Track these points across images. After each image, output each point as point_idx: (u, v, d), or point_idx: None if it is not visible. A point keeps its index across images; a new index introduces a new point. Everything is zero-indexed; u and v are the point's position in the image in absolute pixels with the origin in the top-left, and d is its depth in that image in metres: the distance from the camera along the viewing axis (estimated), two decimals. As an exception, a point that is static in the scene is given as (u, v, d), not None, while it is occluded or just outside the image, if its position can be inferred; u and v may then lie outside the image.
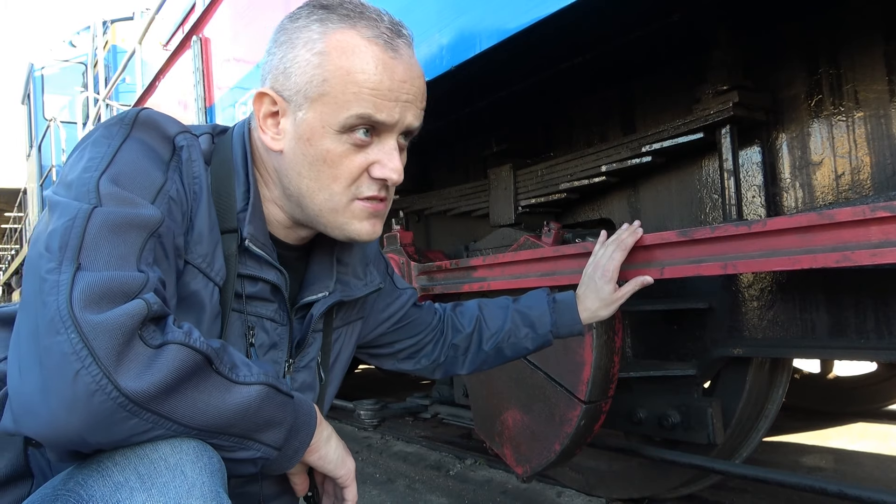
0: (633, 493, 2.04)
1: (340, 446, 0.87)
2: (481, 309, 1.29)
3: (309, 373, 0.97)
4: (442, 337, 1.27)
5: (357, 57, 0.79)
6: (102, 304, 0.61)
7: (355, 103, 0.79)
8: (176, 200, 0.77)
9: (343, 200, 0.83)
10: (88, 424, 0.59)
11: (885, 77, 1.45)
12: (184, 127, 0.83)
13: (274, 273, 0.88)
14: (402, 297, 1.22)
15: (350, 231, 0.85)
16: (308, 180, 0.83)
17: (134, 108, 0.80)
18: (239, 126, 0.91)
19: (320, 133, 0.80)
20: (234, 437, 0.69)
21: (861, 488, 1.41)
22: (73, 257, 0.63)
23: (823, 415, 3.39)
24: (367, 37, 0.80)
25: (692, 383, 1.82)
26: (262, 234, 0.86)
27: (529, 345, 1.26)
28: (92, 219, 0.66)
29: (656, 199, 1.96)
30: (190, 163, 0.80)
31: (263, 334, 0.89)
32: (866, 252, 1.07)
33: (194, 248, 0.79)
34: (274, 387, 0.72)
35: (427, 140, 2.56)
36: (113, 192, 0.69)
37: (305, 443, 0.78)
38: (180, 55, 3.69)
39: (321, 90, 0.79)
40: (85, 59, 8.88)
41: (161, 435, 0.63)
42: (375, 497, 2.43)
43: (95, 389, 0.58)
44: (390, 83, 0.80)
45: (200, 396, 0.64)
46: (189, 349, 0.64)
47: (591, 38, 1.63)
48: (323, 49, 0.79)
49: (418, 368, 1.27)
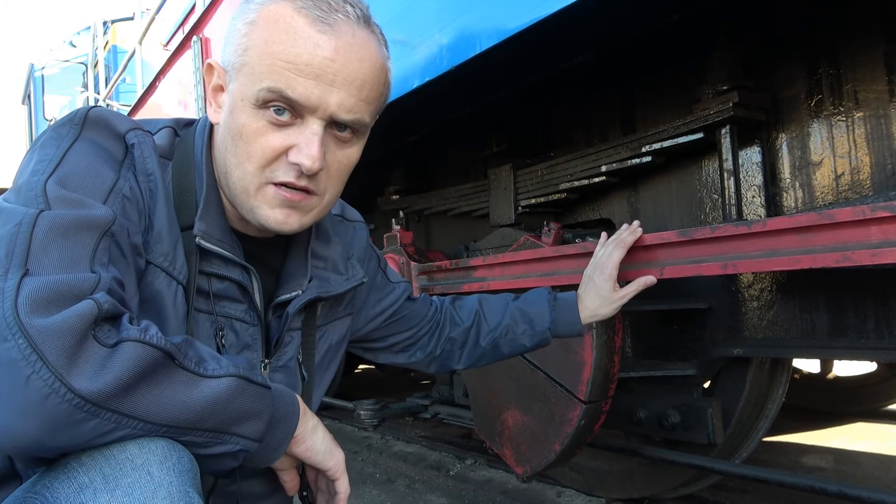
0: (633, 493, 2.04)
1: (328, 437, 0.84)
2: (481, 304, 1.28)
3: (287, 373, 0.94)
4: (438, 329, 1.25)
5: (279, 26, 0.74)
6: (50, 308, 0.59)
7: (268, 75, 0.73)
8: (130, 199, 0.75)
9: (255, 182, 0.78)
10: (44, 429, 0.57)
11: (885, 77, 1.45)
12: (135, 124, 0.81)
13: (238, 271, 0.85)
14: (396, 290, 1.20)
15: (259, 216, 0.80)
16: (230, 155, 0.79)
17: (83, 108, 0.78)
18: (205, 117, 0.88)
19: (240, 106, 0.77)
20: (209, 433, 0.67)
21: (861, 488, 1.41)
22: (21, 263, 0.61)
23: (823, 415, 3.39)
24: (297, 7, 0.74)
25: (692, 383, 1.82)
26: (217, 230, 0.83)
27: (527, 342, 1.25)
28: (38, 223, 0.64)
29: (656, 199, 1.96)
30: (143, 160, 0.78)
31: (233, 335, 0.86)
32: (866, 252, 1.07)
33: (155, 247, 0.77)
34: (246, 378, 0.70)
35: (427, 140, 2.56)
36: (60, 195, 0.67)
37: (289, 433, 0.77)
38: (180, 55, 3.69)
39: (242, 60, 0.76)
40: (85, 59, 8.88)
41: (127, 435, 0.62)
42: (375, 497, 2.43)
43: (48, 393, 0.56)
44: (309, 58, 0.73)
45: (164, 392, 0.63)
46: (146, 345, 0.62)
47: (591, 38, 1.63)
48: (254, 19, 0.76)
49: (413, 361, 1.25)
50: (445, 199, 2.68)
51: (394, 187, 3.03)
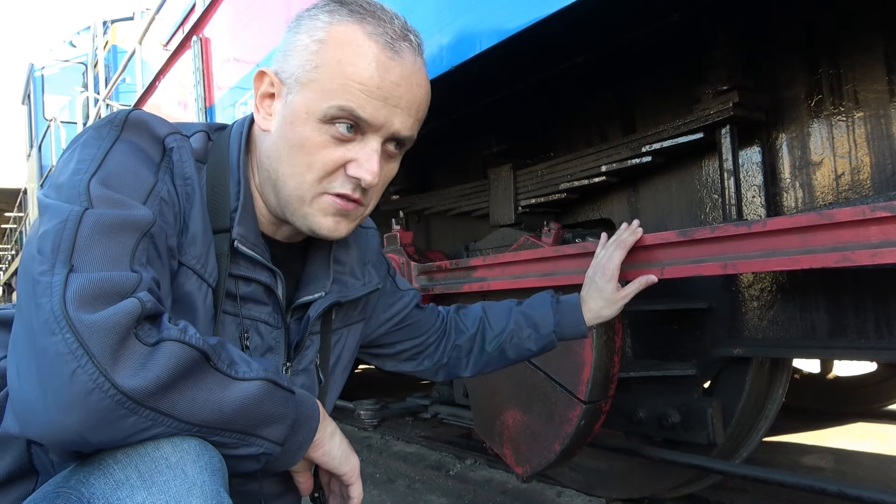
0: (633, 493, 2.04)
1: (345, 443, 0.87)
2: (485, 311, 1.29)
3: (307, 376, 0.96)
4: (445, 338, 1.26)
5: (352, 49, 0.79)
6: (96, 304, 0.61)
7: (340, 95, 0.78)
8: (167, 202, 0.77)
9: (312, 191, 0.83)
10: (87, 423, 0.59)
11: (885, 77, 1.45)
12: (174, 128, 0.83)
13: (266, 274, 0.87)
14: (405, 298, 1.22)
15: (312, 223, 0.84)
16: (285, 165, 0.83)
17: (124, 110, 0.80)
18: (239, 122, 0.91)
19: (303, 119, 0.80)
20: (237, 434, 0.69)
21: (861, 488, 1.41)
22: (66, 259, 0.63)
23: (823, 415, 3.39)
24: (368, 33, 0.79)
25: (692, 383, 1.82)
26: (252, 234, 0.86)
27: (532, 346, 1.26)
28: (83, 221, 0.66)
29: (656, 199, 1.96)
30: (181, 164, 0.80)
31: (258, 337, 0.89)
32: (866, 252, 1.07)
33: (188, 250, 0.79)
34: (274, 382, 0.72)
35: (427, 140, 2.56)
36: (104, 195, 0.69)
37: (309, 438, 0.78)
38: (180, 55, 3.69)
39: (311, 76, 0.80)
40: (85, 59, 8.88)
41: (162, 433, 0.63)
42: (375, 497, 2.43)
43: (92, 388, 0.58)
44: (380, 82, 0.79)
45: (199, 393, 0.64)
46: (185, 345, 0.64)
47: (591, 38, 1.63)
48: (323, 38, 0.80)
49: (420, 370, 1.27)
50: (445, 198, 2.68)
51: (393, 187, 3.02)
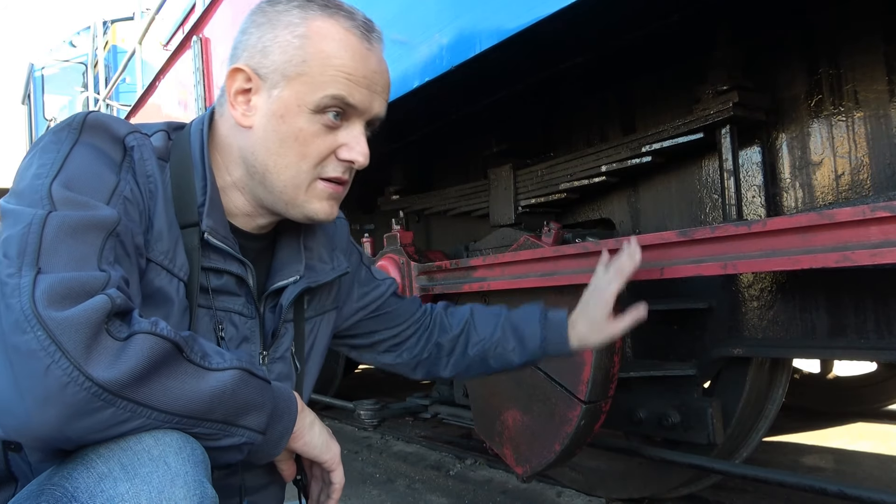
0: (633, 493, 2.04)
1: (325, 432, 0.89)
2: (472, 313, 1.27)
3: (284, 363, 0.98)
4: (426, 332, 1.25)
5: (335, 43, 0.84)
6: (65, 303, 0.62)
7: (331, 85, 0.83)
8: (131, 200, 0.78)
9: (308, 179, 0.87)
10: (64, 417, 0.60)
11: (885, 77, 1.45)
12: (133, 127, 0.84)
13: (237, 265, 0.89)
14: (381, 286, 1.22)
15: (309, 210, 0.89)
16: (277, 157, 0.85)
17: (81, 112, 0.81)
18: (198, 120, 0.92)
19: (295, 111, 0.83)
20: (217, 424, 0.70)
21: (861, 488, 1.41)
22: (33, 262, 0.64)
23: (823, 415, 3.39)
24: (345, 27, 0.85)
25: (692, 383, 1.82)
26: (221, 227, 0.87)
27: (516, 359, 1.23)
28: (48, 223, 0.67)
29: (656, 199, 1.96)
30: (143, 162, 0.82)
31: (232, 328, 0.90)
32: (866, 252, 1.07)
33: (155, 246, 0.81)
34: (248, 371, 0.73)
35: (427, 140, 2.56)
36: (66, 197, 0.70)
37: (289, 427, 0.80)
38: (180, 55, 3.69)
39: (300, 70, 0.83)
40: (85, 59, 8.87)
41: (141, 425, 0.64)
42: (375, 497, 2.43)
43: (67, 381, 0.59)
44: (364, 70, 0.85)
45: (174, 383, 0.66)
46: (157, 337, 0.65)
47: (591, 38, 1.63)
48: (304, 33, 0.84)
49: (399, 363, 1.25)
50: (445, 199, 2.68)
51: (394, 187, 3.02)
